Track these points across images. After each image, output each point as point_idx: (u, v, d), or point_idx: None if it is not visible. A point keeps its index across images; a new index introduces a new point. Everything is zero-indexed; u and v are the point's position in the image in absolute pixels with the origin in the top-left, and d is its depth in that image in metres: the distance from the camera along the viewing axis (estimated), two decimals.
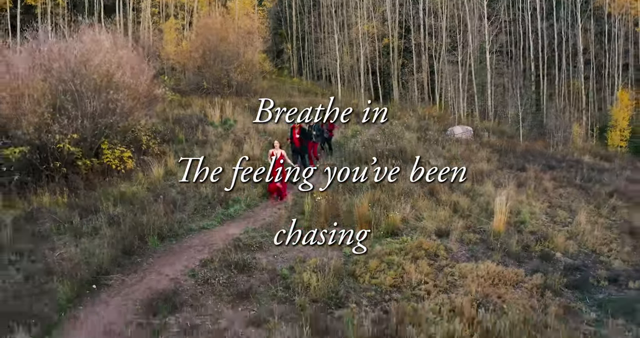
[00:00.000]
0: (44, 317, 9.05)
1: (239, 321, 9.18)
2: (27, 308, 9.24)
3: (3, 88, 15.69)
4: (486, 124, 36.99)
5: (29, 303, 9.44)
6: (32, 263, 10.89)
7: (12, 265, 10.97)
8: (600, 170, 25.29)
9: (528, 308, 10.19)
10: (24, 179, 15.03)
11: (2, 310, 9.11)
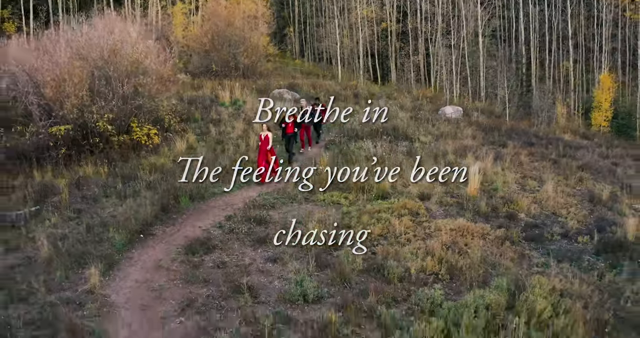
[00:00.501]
0: (106, 256, 11.64)
1: (259, 259, 11.81)
2: (92, 251, 11.84)
3: (47, 74, 18.18)
4: (477, 105, 39.43)
5: (93, 247, 12.04)
6: (90, 218, 13.49)
7: (72, 221, 13.57)
8: (577, 147, 27.79)
9: (487, 253, 12.80)
10: (69, 153, 17.58)
11: (73, 252, 11.71)
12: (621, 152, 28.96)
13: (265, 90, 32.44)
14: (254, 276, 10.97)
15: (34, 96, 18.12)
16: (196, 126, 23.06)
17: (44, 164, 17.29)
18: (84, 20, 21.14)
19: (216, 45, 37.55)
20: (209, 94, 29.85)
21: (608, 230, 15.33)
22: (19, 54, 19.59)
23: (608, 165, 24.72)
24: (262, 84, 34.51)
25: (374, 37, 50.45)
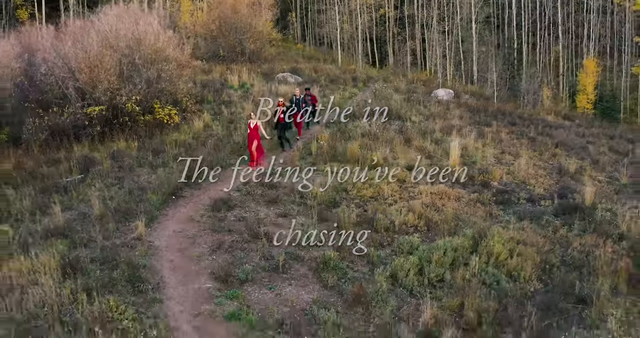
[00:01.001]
0: (146, 213, 14.23)
1: (272, 214, 14.44)
2: (135, 208, 14.45)
3: (81, 62, 20.70)
4: (469, 88, 41.97)
5: (135, 205, 14.65)
6: (129, 184, 16.11)
7: (114, 186, 16.19)
8: (557, 127, 30.36)
9: (460, 211, 15.43)
10: (103, 130, 20.17)
11: (120, 209, 14.33)
12: (597, 131, 31.54)
13: (270, 74, 34.95)
14: (268, 226, 13.60)
15: (70, 81, 20.64)
16: (210, 107, 25.62)
17: (81, 140, 19.91)
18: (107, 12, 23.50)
19: (223, 32, 39.93)
20: (218, 78, 32.33)
21: (569, 197, 17.94)
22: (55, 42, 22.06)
23: (582, 143, 27.30)
24: (267, 68, 37.00)
25: (372, 22, 52.81)
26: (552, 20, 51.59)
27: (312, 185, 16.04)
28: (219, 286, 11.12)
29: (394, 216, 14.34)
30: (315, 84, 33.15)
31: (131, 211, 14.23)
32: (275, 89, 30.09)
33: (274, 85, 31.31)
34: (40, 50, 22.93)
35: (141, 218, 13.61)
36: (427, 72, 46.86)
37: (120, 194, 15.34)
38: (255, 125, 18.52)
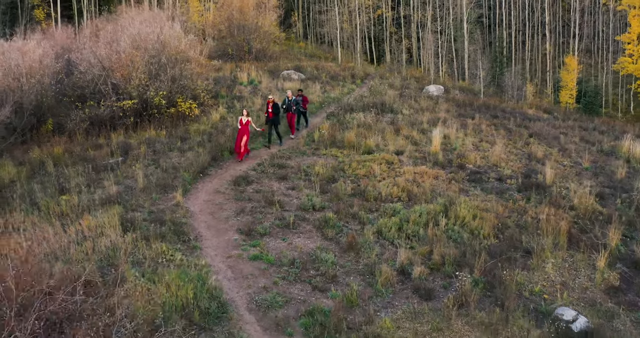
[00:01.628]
0: (179, 186, 17.54)
1: (282, 188, 17.77)
2: (171, 183, 17.78)
3: (116, 62, 23.99)
4: (459, 84, 45.23)
5: (171, 180, 17.97)
6: (164, 164, 19.43)
7: (151, 166, 19.51)
8: (535, 120, 33.56)
9: (437, 186, 18.74)
10: (135, 121, 23.49)
11: (159, 183, 17.64)
12: (573, 124, 34.75)
13: (275, 71, 38.22)
14: (280, 197, 16.92)
15: (106, 78, 23.94)
16: (224, 101, 28.92)
17: (117, 129, 23.23)
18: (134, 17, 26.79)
19: (232, 32, 43.19)
20: (229, 75, 35.58)
21: (532, 177, 21.22)
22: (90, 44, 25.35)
23: (556, 133, 30.50)
24: (273, 65, 40.29)
25: (370, 22, 56.06)
26: (540, 20, 54.83)
27: (314, 165, 19.37)
28: (244, 238, 14.46)
29: (381, 189, 17.67)
30: (317, 80, 36.41)
31: (168, 185, 17.57)
32: (281, 85, 33.37)
33: (280, 81, 34.60)
34: (75, 51, 26.20)
35: (177, 190, 16.95)
36: (421, 69, 50.08)
37: (158, 172, 18.68)
38: (247, 121, 20.55)
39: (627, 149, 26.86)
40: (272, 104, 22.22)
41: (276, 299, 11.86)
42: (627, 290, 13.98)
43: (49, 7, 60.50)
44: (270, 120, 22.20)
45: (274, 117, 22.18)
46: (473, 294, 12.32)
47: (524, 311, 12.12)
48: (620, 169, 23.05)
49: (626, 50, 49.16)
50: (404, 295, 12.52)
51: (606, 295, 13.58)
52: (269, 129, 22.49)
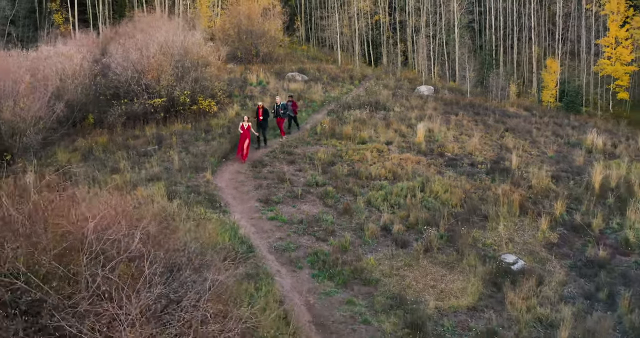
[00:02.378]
0: (208, 168, 21.60)
1: (291, 170, 21.85)
2: (201, 165, 21.84)
3: (147, 65, 28.05)
4: (449, 84, 49.27)
5: (201, 163, 22.03)
6: (193, 150, 23.51)
7: (183, 152, 23.58)
8: (514, 117, 37.59)
9: (418, 169, 22.80)
10: (164, 116, 27.57)
11: (191, 166, 21.71)
12: (548, 120, 38.78)
13: (281, 73, 42.23)
14: (289, 176, 20.99)
15: (139, 79, 28.02)
16: (237, 100, 32.97)
17: (149, 123, 27.31)
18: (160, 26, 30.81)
19: (240, 37, 47.21)
20: (239, 77, 39.61)
21: (500, 163, 25.26)
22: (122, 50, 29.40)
23: (530, 128, 34.52)
24: (278, 68, 44.31)
25: (368, 27, 60.14)
26: (527, 25, 58.89)
27: (317, 152, 23.46)
28: (262, 205, 18.56)
29: (371, 171, 21.75)
30: (319, 81, 40.43)
31: (199, 166, 21.66)
32: (287, 85, 37.44)
33: (286, 82, 38.66)
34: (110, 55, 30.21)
35: (207, 171, 21.04)
36: (415, 71, 54.14)
37: (189, 157, 22.78)
38: (248, 126, 23.04)
39: (591, 141, 30.93)
40: (262, 109, 24.93)
41: (289, 245, 15.95)
42: (563, 246, 18.02)
43: (67, 12, 64.06)
44: (259, 124, 24.70)
45: (262, 122, 24.65)
46: (437, 243, 16.42)
47: (476, 255, 16.17)
48: (580, 157, 27.12)
49: (605, 53, 53.29)
50: (385, 244, 16.59)
51: (544, 248, 17.63)
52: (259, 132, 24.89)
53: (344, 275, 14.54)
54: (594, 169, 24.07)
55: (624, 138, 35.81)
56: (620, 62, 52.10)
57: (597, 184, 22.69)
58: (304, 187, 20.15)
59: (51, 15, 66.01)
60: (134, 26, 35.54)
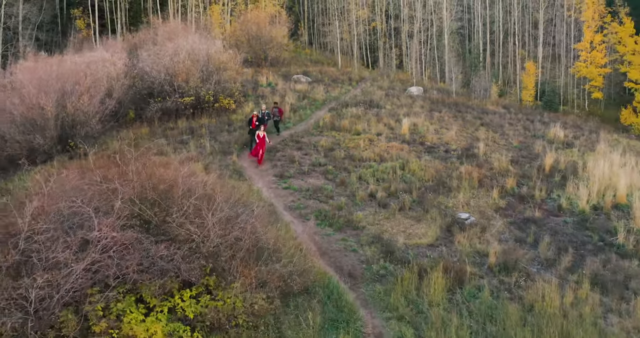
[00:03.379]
0: (232, 152, 27.17)
1: (299, 154, 27.44)
2: (226, 150, 27.42)
3: (177, 69, 33.61)
4: (438, 85, 54.85)
5: (227, 149, 27.61)
6: (221, 139, 29.09)
7: (211, 141, 29.14)
8: (492, 113, 43.14)
9: (400, 154, 28.38)
10: (193, 112, 33.15)
11: (220, 150, 27.29)
12: (522, 117, 44.29)
13: (287, 76, 47.79)
14: (298, 159, 26.55)
15: (171, 81, 33.57)
16: (251, 99, 38.53)
17: (180, 117, 32.83)
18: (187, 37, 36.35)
19: (250, 43, 52.77)
20: (251, 79, 45.17)
21: (470, 150, 30.81)
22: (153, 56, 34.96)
23: (504, 123, 40.06)
24: (285, 71, 49.87)
25: (366, 33, 65.69)
26: (511, 31, 64.45)
27: (320, 141, 29.05)
28: (278, 179, 24.16)
29: (363, 155, 27.33)
30: (321, 82, 45.99)
31: (226, 151, 27.26)
32: (293, 86, 43.00)
33: (292, 84, 44.23)
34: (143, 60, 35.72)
35: (233, 154, 26.63)
36: (408, 73, 59.71)
37: (217, 144, 28.37)
38: (263, 135, 27.01)
39: (553, 134, 36.48)
40: (256, 118, 28.81)
41: (299, 205, 21.55)
42: (508, 210, 23.52)
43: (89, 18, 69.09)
44: (252, 130, 28.25)
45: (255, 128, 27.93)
46: (409, 204, 22.01)
47: (438, 213, 21.74)
48: (540, 147, 32.62)
49: (581, 56, 58.83)
50: (371, 205, 22.18)
51: (493, 211, 23.16)
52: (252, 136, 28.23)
53: (339, 224, 20.16)
54: (547, 154, 29.70)
55: (587, 132, 41.48)
56: (594, 64, 57.62)
57: (548, 166, 28.27)
58: (309, 166, 25.73)
59: (74, 20, 70.93)
60: (155, 33, 41.29)
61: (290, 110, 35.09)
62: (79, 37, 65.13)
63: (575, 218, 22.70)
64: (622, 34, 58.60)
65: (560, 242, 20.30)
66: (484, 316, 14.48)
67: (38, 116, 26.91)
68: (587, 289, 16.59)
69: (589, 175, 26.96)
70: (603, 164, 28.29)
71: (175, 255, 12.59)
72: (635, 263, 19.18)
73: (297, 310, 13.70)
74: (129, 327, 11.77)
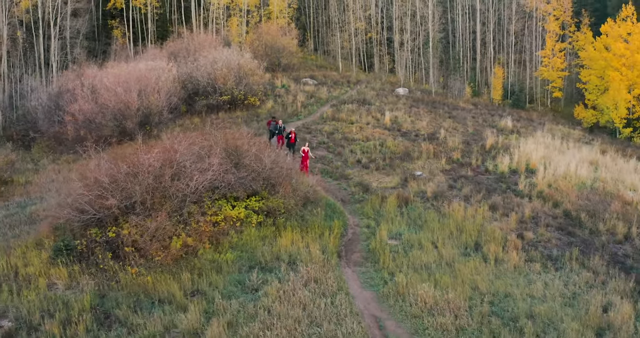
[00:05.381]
0: (263, 134, 38.48)
1: (309, 136, 38.78)
2: (259, 132, 38.73)
3: (217, 75, 44.94)
4: (422, 87, 66.15)
5: (257, 131, 38.92)
6: (253, 126, 40.45)
7: (247, 126, 40.48)
8: (460, 109, 54.39)
9: (381, 137, 39.68)
10: (229, 107, 44.51)
11: (255, 133, 38.62)
12: (485, 112, 55.47)
13: (297, 79, 59.09)
14: (309, 139, 37.82)
15: (213, 84, 44.88)
16: (270, 97, 49.82)
17: (220, 111, 44.15)
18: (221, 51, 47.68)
19: (266, 51, 64.04)
20: (268, 82, 56.43)
21: (434, 134, 42.05)
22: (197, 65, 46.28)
23: (468, 116, 51.28)
24: (295, 75, 61.18)
25: (363, 42, 76.99)
26: (486, 40, 75.68)
27: (324, 127, 40.41)
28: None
29: (355, 136, 38.66)
30: (325, 84, 57.27)
31: (257, 133, 38.53)
32: (302, 88, 54.29)
33: (301, 86, 55.53)
34: (191, 68, 47.01)
35: (263, 135, 37.91)
36: (398, 77, 70.98)
37: (250, 129, 39.65)
38: (307, 150, 32.13)
39: (504, 124, 47.78)
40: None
41: (311, 166, 32.83)
42: (451, 171, 34.75)
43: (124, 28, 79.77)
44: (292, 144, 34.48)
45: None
46: (382, 166, 33.34)
47: (400, 171, 33.01)
48: (489, 132, 43.86)
49: (543, 61, 70.04)
50: (358, 168, 33.50)
51: (439, 171, 34.40)
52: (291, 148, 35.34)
53: (336, 176, 31.55)
54: (489, 137, 41.01)
55: (536, 124, 52.85)
56: (555, 69, 68.82)
57: (488, 145, 39.52)
58: (317, 143, 37.02)
59: (110, 30, 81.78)
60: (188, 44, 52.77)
61: (300, 106, 46.44)
62: (118, 45, 76.13)
63: (495, 176, 33.93)
64: (582, 42, 69.87)
65: (479, 187, 31.56)
66: (415, 217, 25.82)
67: (125, 108, 38.26)
68: (485, 208, 27.84)
69: (517, 151, 38.18)
70: (530, 144, 39.63)
71: (247, 178, 23.94)
72: (526, 200, 30.38)
73: (311, 209, 25.04)
74: (224, 212, 23.09)
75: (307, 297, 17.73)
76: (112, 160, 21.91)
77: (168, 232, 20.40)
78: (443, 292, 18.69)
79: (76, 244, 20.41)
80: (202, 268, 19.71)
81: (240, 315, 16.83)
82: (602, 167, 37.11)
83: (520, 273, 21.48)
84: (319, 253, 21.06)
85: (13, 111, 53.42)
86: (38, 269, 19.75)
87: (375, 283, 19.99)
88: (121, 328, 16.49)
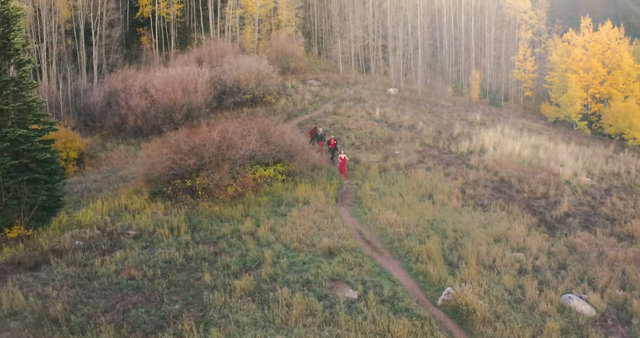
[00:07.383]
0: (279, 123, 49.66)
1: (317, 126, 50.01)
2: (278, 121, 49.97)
3: (241, 77, 56.11)
4: (411, 87, 77.30)
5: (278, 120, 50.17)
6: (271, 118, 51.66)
7: (267, 118, 51.69)
8: (440, 106, 65.41)
9: (372, 128, 50.85)
10: (250, 104, 55.69)
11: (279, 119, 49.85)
12: (461, 108, 66.43)
13: (304, 80, 70.17)
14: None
15: (238, 85, 56.03)
16: (282, 96, 60.92)
17: (243, 107, 55.29)
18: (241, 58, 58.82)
19: (279, 58, 75.08)
20: (280, 83, 67.45)
21: (414, 125, 53.13)
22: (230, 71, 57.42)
23: (444, 111, 62.27)
24: (302, 77, 72.28)
25: (361, 48, 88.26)
26: (469, 46, 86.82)
27: (328, 118, 51.62)
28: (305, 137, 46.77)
29: (351, 127, 49.81)
30: (327, 85, 68.35)
31: (278, 122, 49.68)
32: (308, 88, 65.44)
33: (307, 86, 66.67)
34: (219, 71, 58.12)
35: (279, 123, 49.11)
36: (390, 78, 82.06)
37: (274, 120, 50.81)
38: (344, 158, 38.70)
39: (473, 117, 58.98)
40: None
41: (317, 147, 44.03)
42: (423, 151, 45.86)
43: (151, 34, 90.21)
44: (332, 149, 42.19)
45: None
46: (370, 147, 44.53)
47: (384, 151, 44.16)
48: (459, 124, 55.01)
49: (517, 65, 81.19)
50: (352, 148, 44.66)
51: (413, 151, 45.48)
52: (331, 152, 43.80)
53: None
54: (456, 128, 52.21)
55: (503, 118, 63.98)
56: (526, 71, 79.93)
57: (455, 133, 50.64)
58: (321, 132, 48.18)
59: (138, 37, 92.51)
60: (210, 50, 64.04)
61: (307, 103, 57.62)
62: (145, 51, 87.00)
63: (456, 155, 45.03)
64: (552, 48, 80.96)
65: (440, 162, 42.64)
66: (390, 178, 37.05)
67: (172, 104, 49.42)
68: (441, 174, 38.95)
69: (477, 138, 49.28)
70: (490, 133, 50.80)
71: (274, 150, 35.20)
72: (474, 170, 41.41)
73: (317, 172, 36.27)
74: (258, 173, 34.32)
75: (316, 217, 28.99)
76: (187, 136, 33.20)
77: (225, 182, 31.62)
78: (401, 216, 29.93)
79: (165, 190, 31.64)
80: (249, 204, 30.96)
81: (277, 224, 28.13)
82: (543, 149, 48.13)
83: (456, 211, 32.69)
84: (324, 196, 32.35)
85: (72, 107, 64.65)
86: (142, 205, 30.94)
87: (359, 214, 31.28)
88: (205, 232, 27.69)
